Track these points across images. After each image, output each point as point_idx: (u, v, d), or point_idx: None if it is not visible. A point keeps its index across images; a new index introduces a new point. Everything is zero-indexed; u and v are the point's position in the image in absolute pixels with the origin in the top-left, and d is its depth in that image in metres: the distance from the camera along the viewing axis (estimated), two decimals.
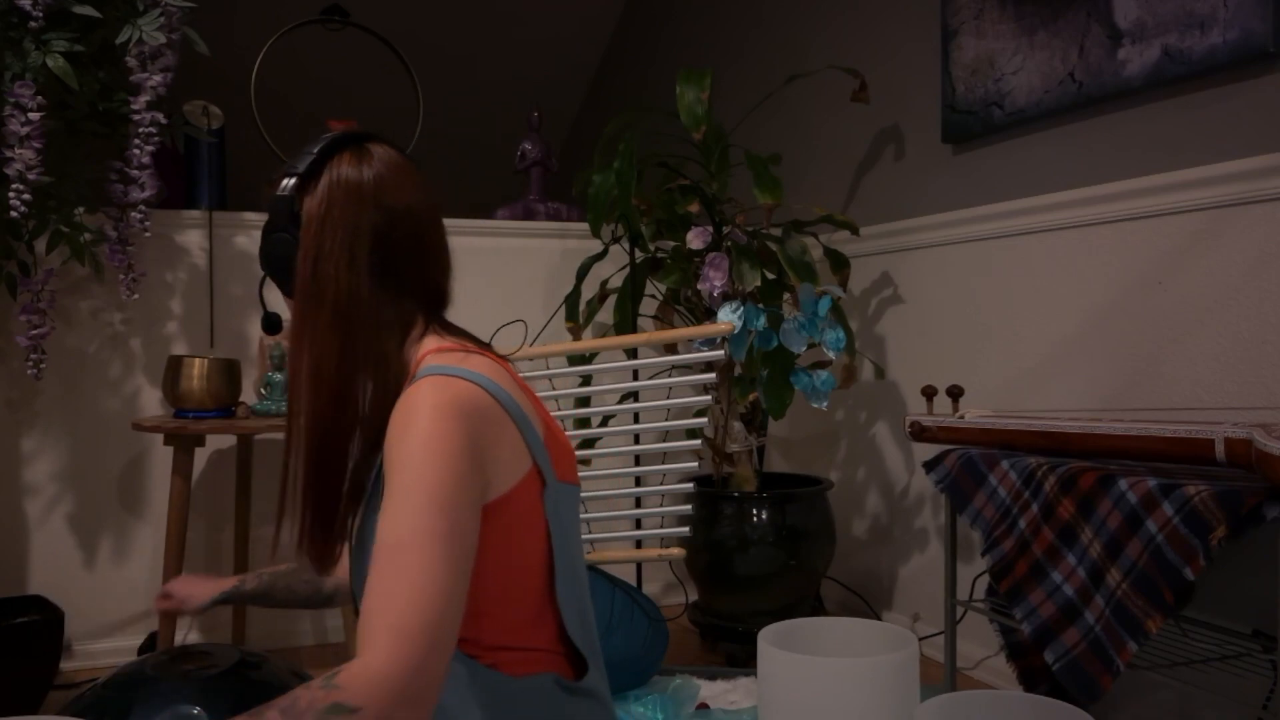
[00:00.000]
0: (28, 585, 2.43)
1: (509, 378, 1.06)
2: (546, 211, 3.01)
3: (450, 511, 0.91)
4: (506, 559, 1.02)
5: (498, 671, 1.03)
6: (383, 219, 1.06)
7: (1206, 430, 1.46)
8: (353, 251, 1.05)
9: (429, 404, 0.95)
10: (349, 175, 1.07)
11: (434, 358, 1.04)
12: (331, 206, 1.05)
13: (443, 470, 0.92)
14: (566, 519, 1.08)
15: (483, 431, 0.97)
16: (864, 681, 1.51)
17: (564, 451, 1.10)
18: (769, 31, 3.29)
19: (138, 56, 2.06)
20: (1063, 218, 2.08)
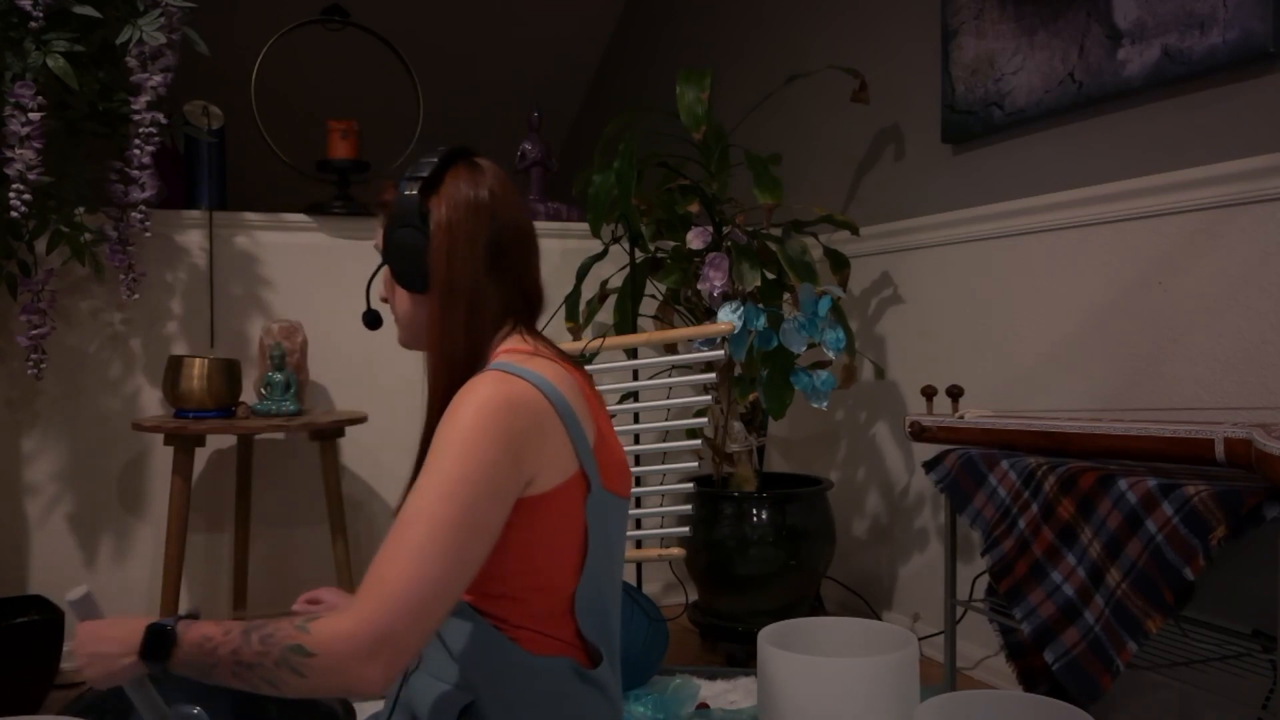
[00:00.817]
0: (28, 585, 2.43)
1: (573, 385, 1.12)
2: (546, 211, 3.01)
3: (463, 503, 0.98)
4: (539, 553, 1.09)
5: (519, 646, 1.10)
6: (497, 230, 1.17)
7: (1206, 430, 1.46)
8: (474, 251, 1.15)
9: (480, 397, 1.03)
10: (468, 189, 1.17)
11: (504, 356, 1.13)
12: (456, 212, 1.16)
13: (468, 462, 0.99)
14: (609, 528, 1.14)
15: (528, 428, 1.04)
16: (864, 681, 1.51)
17: (616, 464, 1.16)
18: (769, 31, 3.29)
19: (138, 56, 2.06)
20: (1063, 218, 2.08)
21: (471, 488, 0.99)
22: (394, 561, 0.96)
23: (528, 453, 1.04)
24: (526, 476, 1.05)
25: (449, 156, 1.20)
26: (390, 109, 3.72)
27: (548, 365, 1.12)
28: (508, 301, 1.19)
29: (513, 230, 1.19)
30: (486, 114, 4.89)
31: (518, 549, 1.07)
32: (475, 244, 1.15)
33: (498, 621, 1.11)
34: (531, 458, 1.04)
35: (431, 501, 0.98)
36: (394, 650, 0.93)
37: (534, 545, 1.08)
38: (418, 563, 0.95)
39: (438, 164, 1.18)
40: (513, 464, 1.02)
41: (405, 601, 0.94)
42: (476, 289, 1.15)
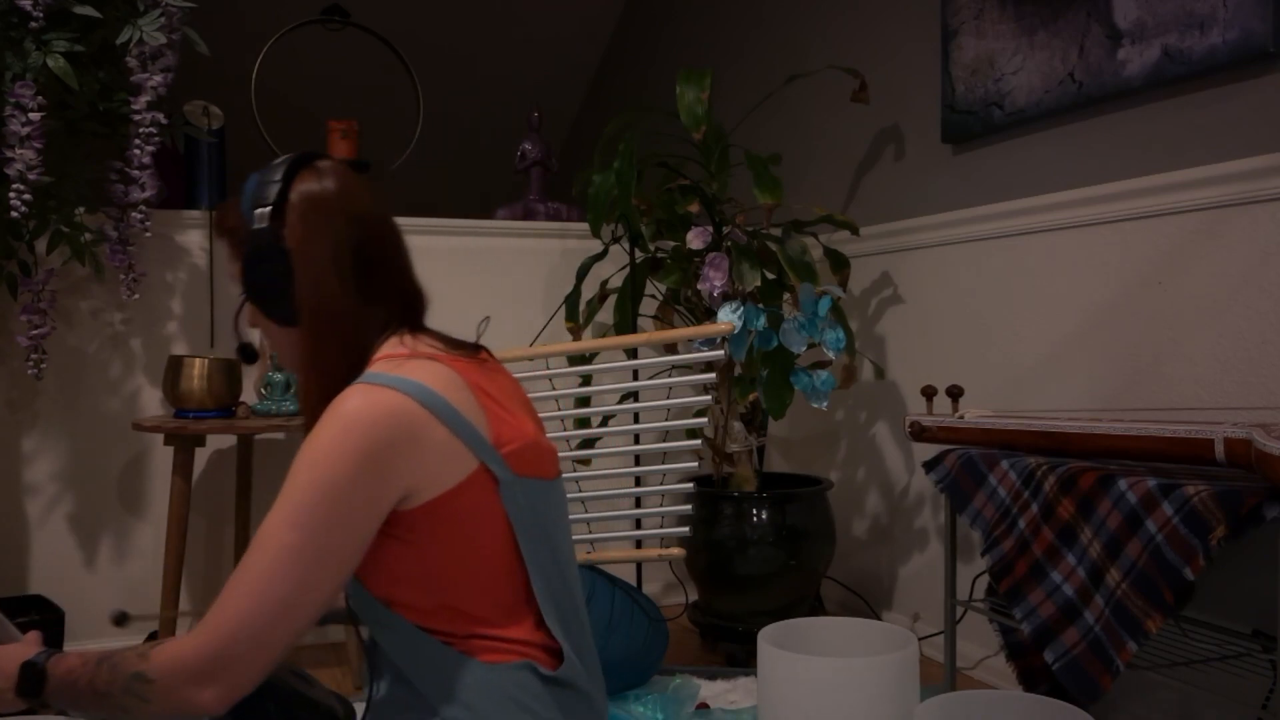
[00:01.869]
0: (28, 585, 2.43)
1: (455, 380, 1.07)
2: (546, 211, 3.01)
3: (310, 528, 0.97)
4: (462, 555, 1.05)
5: (473, 658, 1.06)
6: (359, 243, 1.11)
7: (1206, 430, 1.46)
8: (339, 265, 1.09)
9: (337, 415, 1.00)
10: (314, 191, 1.11)
11: (376, 365, 1.08)
12: (313, 237, 1.09)
13: (318, 486, 0.97)
14: (538, 513, 1.10)
15: (393, 441, 1.00)
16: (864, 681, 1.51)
17: (529, 448, 1.11)
18: (769, 31, 3.29)
19: (138, 57, 2.06)
20: (1063, 218, 2.08)
21: (320, 513, 0.97)
22: (234, 588, 0.96)
23: (393, 467, 1.00)
24: (397, 491, 1.01)
25: (290, 171, 1.13)
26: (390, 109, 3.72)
27: (423, 367, 1.06)
28: (384, 316, 1.13)
29: (376, 238, 1.13)
30: (486, 114, 4.89)
31: (437, 556, 1.04)
32: (340, 267, 1.09)
33: (445, 636, 1.07)
34: (399, 471, 1.00)
35: (277, 527, 0.97)
36: (230, 675, 0.95)
37: (453, 548, 1.05)
38: (257, 590, 0.95)
39: (281, 184, 1.11)
40: (373, 482, 0.99)
41: (240, 628, 0.95)
42: (348, 313, 1.09)
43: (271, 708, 1.30)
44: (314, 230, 1.10)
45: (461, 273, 2.81)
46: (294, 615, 0.96)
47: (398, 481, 1.00)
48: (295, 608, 0.96)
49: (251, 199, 1.12)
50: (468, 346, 1.16)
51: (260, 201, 1.11)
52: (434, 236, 2.78)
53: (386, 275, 1.14)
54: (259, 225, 1.10)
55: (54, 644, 2.22)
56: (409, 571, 1.04)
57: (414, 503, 1.02)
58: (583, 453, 2.34)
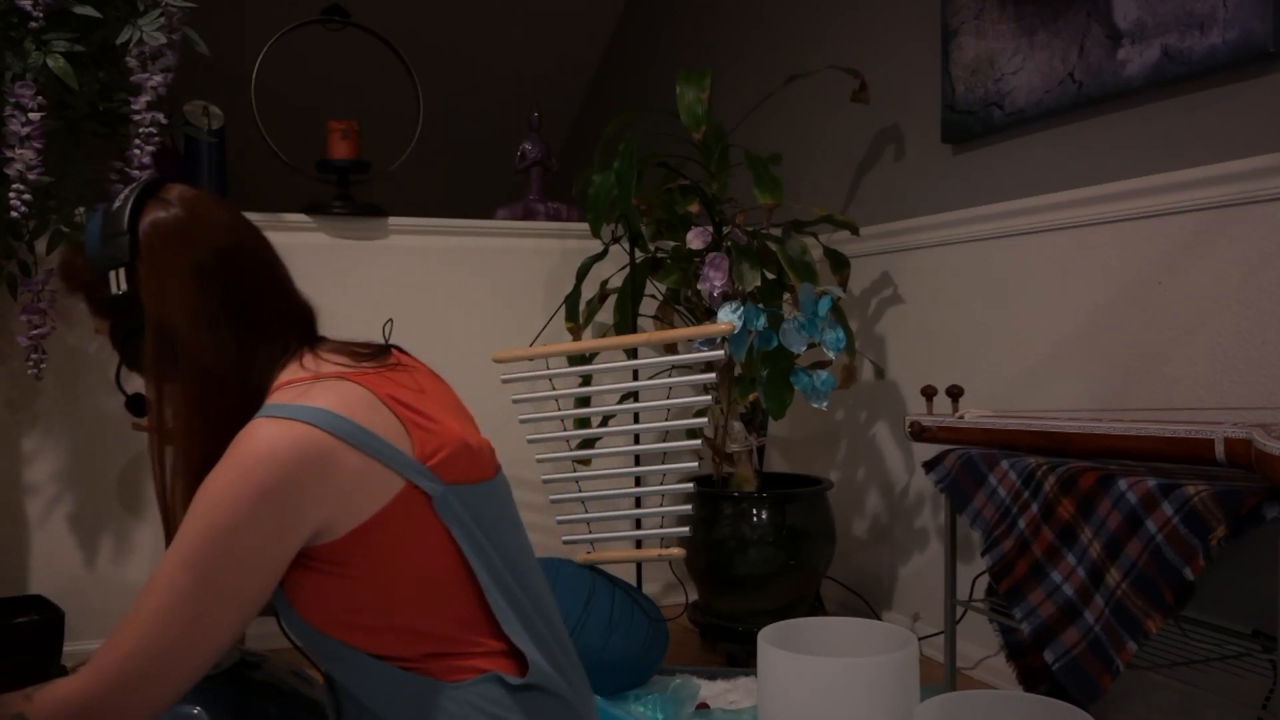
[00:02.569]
0: (28, 585, 2.43)
1: (365, 398, 1.00)
2: (546, 211, 3.01)
3: (202, 570, 0.93)
4: (404, 575, 1.00)
5: (432, 678, 1.02)
6: (229, 282, 1.04)
7: (1206, 430, 1.46)
8: (207, 310, 1.03)
9: (237, 454, 0.95)
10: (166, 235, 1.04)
11: (277, 394, 1.01)
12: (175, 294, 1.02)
13: (213, 528, 0.93)
14: (479, 518, 1.05)
15: (299, 477, 0.94)
16: (864, 681, 1.51)
17: (458, 451, 1.05)
18: (769, 31, 3.29)
19: (138, 57, 2.06)
20: (1063, 218, 2.08)
21: (214, 556, 0.92)
22: (121, 632, 0.93)
23: (303, 502, 0.94)
24: (311, 526, 0.96)
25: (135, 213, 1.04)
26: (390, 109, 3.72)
27: (329, 390, 0.99)
28: (276, 346, 1.06)
29: (250, 270, 1.06)
30: (486, 114, 4.89)
31: (375, 582, 0.99)
32: (214, 317, 1.02)
33: (401, 662, 1.01)
34: (311, 505, 0.95)
35: (170, 570, 0.93)
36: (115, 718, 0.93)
37: (392, 572, 0.99)
38: (145, 633, 0.92)
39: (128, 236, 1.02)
40: (272, 523, 0.93)
41: (124, 673, 0.92)
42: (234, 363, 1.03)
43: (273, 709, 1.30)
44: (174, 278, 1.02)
45: (461, 273, 2.80)
46: (184, 659, 0.93)
47: (307, 518, 0.95)
48: (185, 651, 0.93)
49: (100, 255, 1.04)
50: (376, 352, 1.11)
51: (110, 260, 1.03)
52: (434, 236, 2.78)
53: (267, 304, 1.07)
54: (117, 289, 1.03)
55: (54, 644, 2.22)
56: (349, 603, 1.00)
57: (334, 535, 0.97)
58: (583, 453, 2.34)
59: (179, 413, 1.04)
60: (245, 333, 1.04)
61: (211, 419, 1.03)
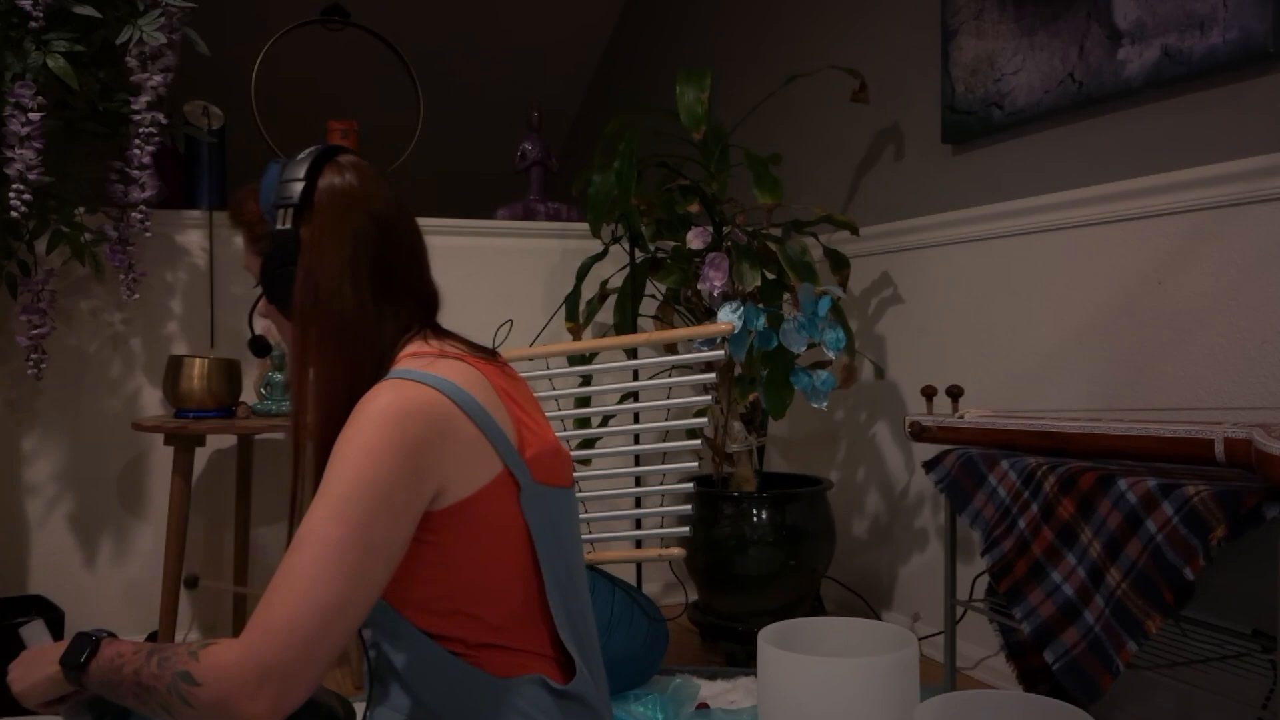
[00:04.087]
0: (28, 585, 2.43)
1: (482, 382, 1.05)
2: (546, 211, 3.01)
3: (356, 522, 0.93)
4: (481, 560, 1.03)
5: (482, 670, 1.04)
6: (382, 249, 1.10)
7: (1206, 430, 1.46)
8: (355, 269, 1.08)
9: (374, 410, 0.98)
10: (338, 191, 1.10)
11: (405, 362, 1.06)
12: (336, 245, 1.08)
13: (360, 480, 0.94)
14: (554, 521, 1.08)
15: (430, 435, 0.98)
16: (864, 681, 1.51)
17: (551, 454, 1.10)
18: (769, 31, 3.29)
19: (138, 57, 2.06)
20: (1062, 217, 2.08)
21: (364, 506, 0.93)
22: (282, 588, 0.91)
23: (430, 463, 0.97)
24: (432, 487, 0.99)
25: (314, 168, 1.11)
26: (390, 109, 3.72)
27: (453, 366, 1.04)
28: (404, 318, 1.11)
29: (399, 244, 1.11)
30: (486, 114, 4.89)
31: (455, 561, 1.02)
32: (360, 276, 1.08)
33: (456, 645, 1.04)
34: (436, 467, 0.98)
35: (321, 523, 0.93)
36: (281, 683, 0.89)
37: (472, 554, 1.02)
38: (307, 589, 0.90)
39: (305, 182, 1.09)
40: (413, 476, 0.96)
41: (293, 632, 0.89)
42: (363, 317, 1.08)
43: None
44: (335, 233, 1.08)
45: (461, 273, 2.80)
46: (345, 615, 0.92)
47: (433, 477, 0.98)
48: (347, 605, 0.92)
49: (273, 194, 1.10)
50: (486, 350, 1.15)
51: (283, 199, 1.09)
52: (434, 236, 2.76)
53: (406, 278, 1.12)
54: (281, 225, 1.08)
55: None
56: (428, 574, 1.02)
57: (443, 503, 1.00)
58: (583, 453, 2.34)
59: (314, 356, 1.08)
60: (383, 299, 1.09)
61: (340, 365, 1.07)
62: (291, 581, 0.91)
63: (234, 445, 2.60)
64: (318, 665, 0.91)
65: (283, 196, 1.09)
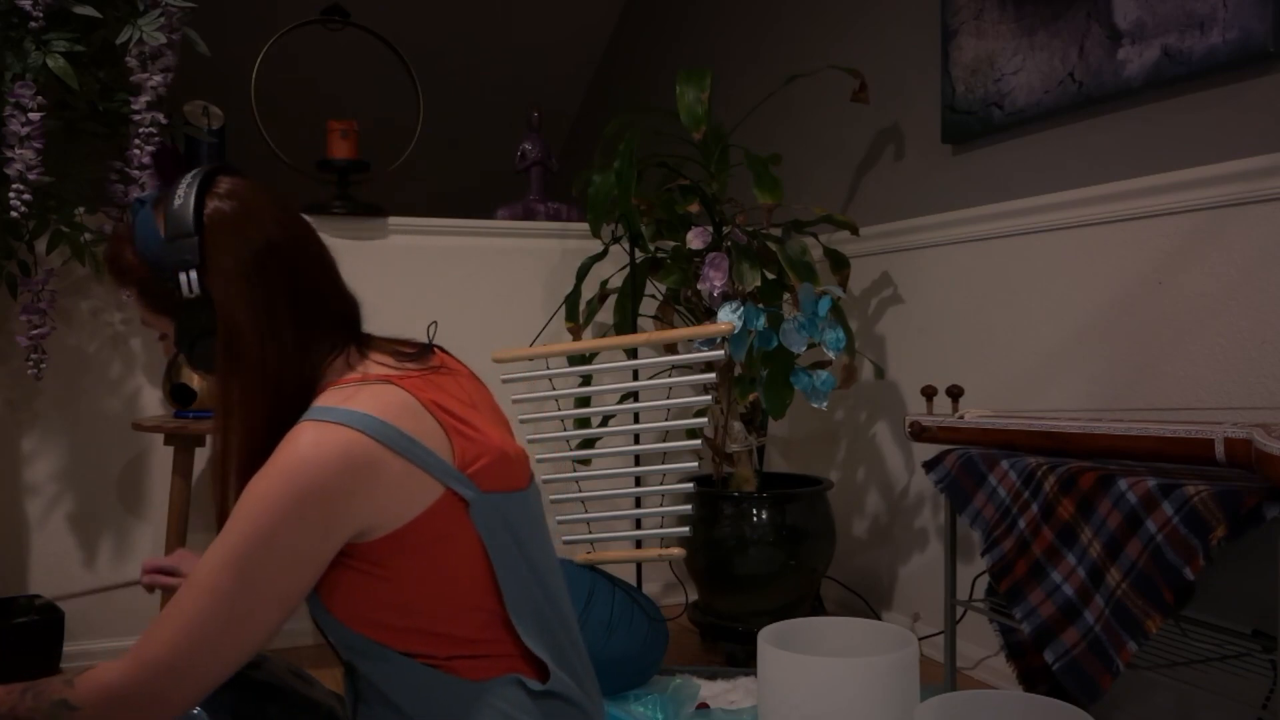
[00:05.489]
0: (28, 585, 2.43)
1: (408, 405, 1.01)
2: (546, 211, 3.01)
3: (245, 574, 0.94)
4: (435, 580, 1.01)
5: (456, 676, 1.04)
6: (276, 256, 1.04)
7: (1206, 430, 1.46)
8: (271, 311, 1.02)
9: (281, 456, 0.96)
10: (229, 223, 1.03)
11: (321, 398, 1.02)
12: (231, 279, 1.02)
13: (257, 533, 0.94)
14: (510, 528, 1.06)
15: (345, 485, 0.95)
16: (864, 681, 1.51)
17: (497, 460, 1.05)
18: (769, 31, 3.29)
19: (138, 57, 2.06)
20: (1062, 217, 2.08)
21: (256, 560, 0.94)
22: (164, 623, 0.95)
23: (342, 509, 0.95)
24: (349, 531, 0.97)
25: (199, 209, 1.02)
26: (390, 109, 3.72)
27: (375, 394, 1.00)
28: (327, 341, 1.06)
29: (307, 262, 1.06)
30: (486, 114, 4.89)
31: (411, 584, 1.00)
32: (278, 316, 1.02)
33: (426, 659, 1.03)
34: (350, 512, 0.96)
35: (211, 569, 0.95)
36: (154, 706, 0.95)
37: (427, 575, 1.01)
38: (184, 629, 0.94)
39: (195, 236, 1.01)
40: (315, 526, 0.94)
41: (165, 663, 0.94)
42: (280, 362, 1.03)
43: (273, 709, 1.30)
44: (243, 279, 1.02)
45: (461, 273, 2.80)
46: (221, 655, 0.96)
47: (348, 521, 0.96)
48: (222, 648, 0.96)
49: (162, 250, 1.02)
50: (419, 352, 1.11)
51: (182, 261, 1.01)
52: (434, 236, 2.78)
53: (322, 297, 1.07)
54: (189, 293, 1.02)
55: (54, 644, 2.22)
56: (381, 601, 1.01)
57: (373, 536, 0.98)
58: (583, 453, 2.34)
59: (237, 411, 1.05)
60: (303, 330, 1.05)
61: (269, 417, 1.04)
62: (176, 618, 0.95)
63: None
64: (188, 694, 0.96)
65: (181, 258, 1.02)
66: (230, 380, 1.04)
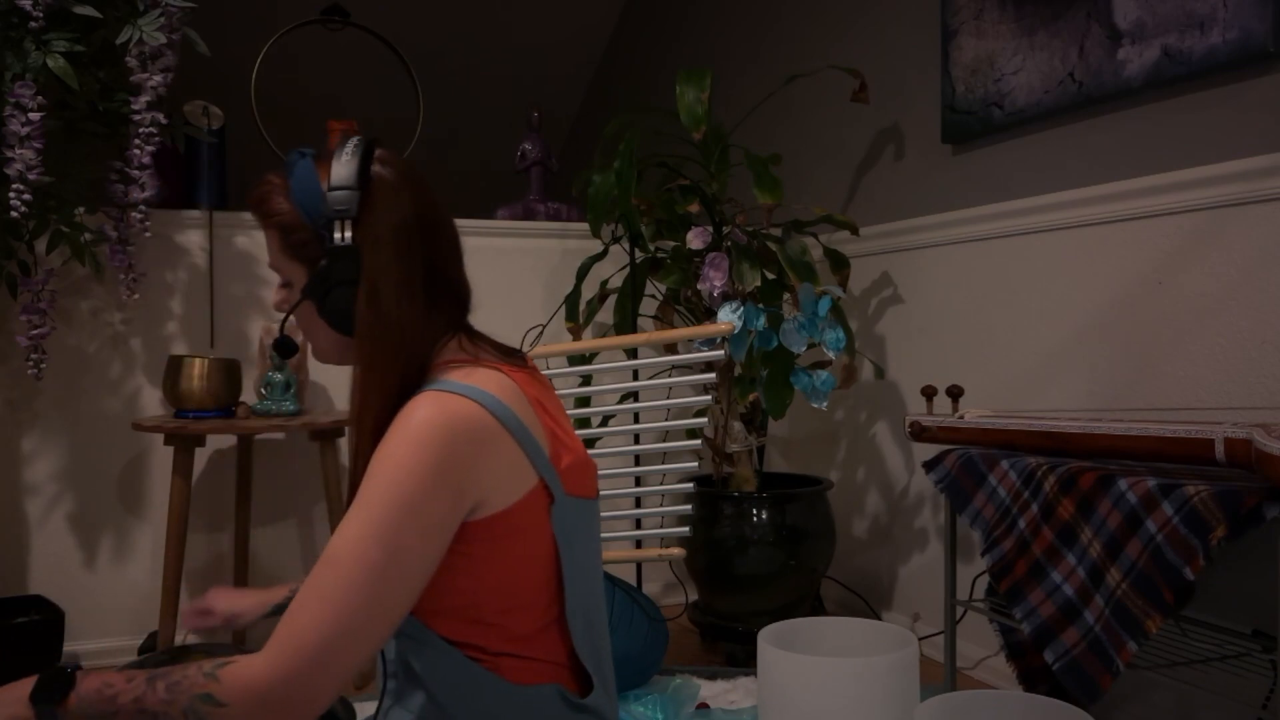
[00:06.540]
0: (28, 585, 2.43)
1: (517, 393, 1.03)
2: (546, 211, 3.01)
3: (391, 543, 0.92)
4: (509, 572, 1.02)
5: (500, 677, 1.04)
6: (430, 253, 1.07)
7: (1206, 430, 1.46)
8: (411, 278, 1.05)
9: (414, 425, 0.96)
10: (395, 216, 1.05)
11: (443, 370, 1.04)
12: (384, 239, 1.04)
13: (398, 500, 0.93)
14: (579, 534, 1.08)
15: (470, 450, 0.96)
16: (864, 681, 1.51)
17: (578, 465, 1.08)
18: (769, 31, 3.29)
19: (138, 57, 2.06)
20: (1062, 217, 2.08)
21: (401, 527, 0.92)
22: (309, 607, 0.91)
23: (470, 477, 0.96)
24: (470, 501, 0.98)
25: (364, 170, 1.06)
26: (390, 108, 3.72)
27: (490, 376, 1.02)
28: (446, 320, 1.09)
29: (443, 242, 1.09)
30: (487, 114, 4.89)
31: (485, 572, 1.01)
32: (415, 284, 1.05)
33: (475, 652, 1.03)
34: (475, 481, 0.97)
35: (354, 542, 0.92)
36: (306, 698, 0.90)
37: (501, 565, 1.02)
38: (333, 609, 0.90)
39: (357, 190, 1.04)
40: (451, 493, 0.95)
41: (318, 650, 0.89)
42: (414, 327, 1.05)
43: None
44: (394, 244, 1.04)
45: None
46: (371, 633, 0.92)
47: (471, 492, 0.97)
48: (373, 625, 0.92)
49: (319, 200, 1.05)
50: (516, 354, 1.13)
51: (339, 210, 1.03)
52: None
53: (450, 277, 1.09)
54: (339, 238, 1.03)
55: (54, 644, 2.22)
56: (456, 584, 1.01)
57: (479, 515, 0.99)
58: None
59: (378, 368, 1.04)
60: (431, 302, 1.07)
61: (394, 374, 1.04)
62: (319, 601, 0.91)
63: (234, 445, 2.60)
64: (342, 680, 0.91)
65: (338, 207, 1.04)
66: (369, 337, 1.04)
